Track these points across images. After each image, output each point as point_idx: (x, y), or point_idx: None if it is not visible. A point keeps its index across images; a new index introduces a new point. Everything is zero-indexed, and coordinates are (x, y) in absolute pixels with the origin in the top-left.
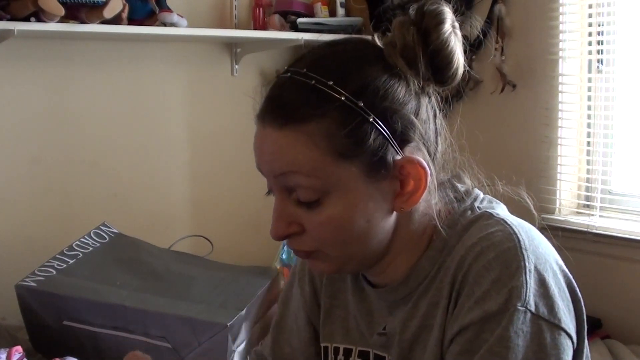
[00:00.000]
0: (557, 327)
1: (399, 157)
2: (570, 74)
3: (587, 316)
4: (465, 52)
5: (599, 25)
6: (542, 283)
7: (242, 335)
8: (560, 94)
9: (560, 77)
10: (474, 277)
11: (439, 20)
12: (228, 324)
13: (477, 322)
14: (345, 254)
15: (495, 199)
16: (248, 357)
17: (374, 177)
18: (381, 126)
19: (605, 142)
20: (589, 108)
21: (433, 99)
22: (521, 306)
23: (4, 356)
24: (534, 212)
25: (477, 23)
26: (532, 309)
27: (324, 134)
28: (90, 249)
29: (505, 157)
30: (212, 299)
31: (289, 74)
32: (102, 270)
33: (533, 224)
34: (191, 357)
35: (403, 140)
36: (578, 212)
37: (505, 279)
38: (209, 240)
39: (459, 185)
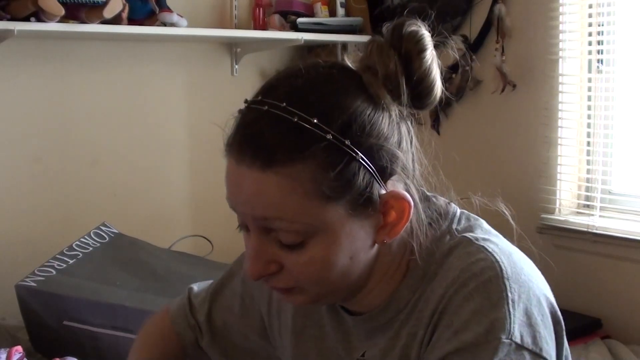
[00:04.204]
0: (539, 355)
1: (383, 192)
2: (570, 74)
3: (587, 316)
4: (441, 72)
5: (599, 25)
6: (525, 312)
7: None
8: (560, 94)
9: (560, 77)
10: (453, 308)
11: (421, 48)
12: None
13: (454, 352)
14: (325, 290)
15: (473, 216)
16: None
17: (359, 215)
18: (368, 164)
19: (605, 142)
20: (589, 108)
21: (409, 122)
22: (506, 338)
23: (4, 356)
24: (512, 222)
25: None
26: (518, 340)
27: (309, 176)
28: (90, 249)
29: (505, 157)
30: None
31: (265, 107)
32: (102, 270)
33: (512, 235)
34: None
35: (387, 174)
36: (578, 212)
37: (486, 310)
38: (209, 240)
39: (436, 201)
